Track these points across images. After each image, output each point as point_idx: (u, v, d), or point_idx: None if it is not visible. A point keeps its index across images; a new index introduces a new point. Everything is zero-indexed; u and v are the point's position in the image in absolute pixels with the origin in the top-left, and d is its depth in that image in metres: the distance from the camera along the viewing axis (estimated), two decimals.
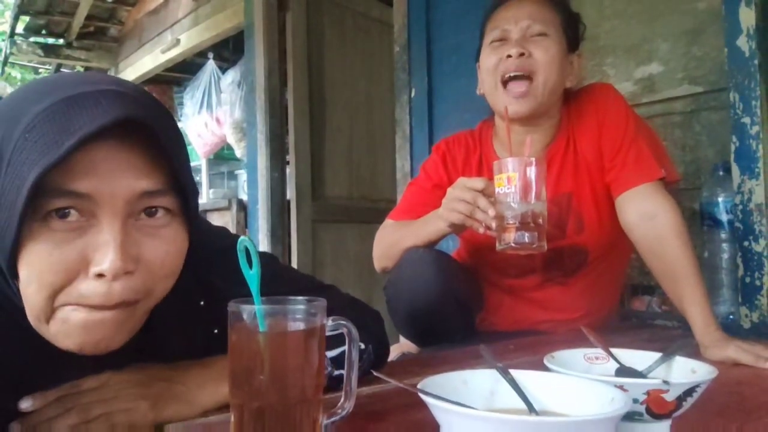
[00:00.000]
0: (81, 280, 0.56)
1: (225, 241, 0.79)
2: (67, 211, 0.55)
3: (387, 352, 0.94)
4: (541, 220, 1.07)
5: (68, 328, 0.57)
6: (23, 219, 0.53)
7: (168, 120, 0.62)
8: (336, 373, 0.75)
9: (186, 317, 0.73)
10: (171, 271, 0.62)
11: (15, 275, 0.56)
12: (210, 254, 0.75)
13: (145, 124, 0.56)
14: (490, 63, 1.29)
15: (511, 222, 1.06)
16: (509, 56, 1.25)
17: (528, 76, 1.25)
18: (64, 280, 0.55)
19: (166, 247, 0.61)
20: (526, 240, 1.06)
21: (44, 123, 0.53)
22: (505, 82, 1.27)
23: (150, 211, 0.60)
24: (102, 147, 0.55)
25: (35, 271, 0.55)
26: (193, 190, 0.64)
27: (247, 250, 0.53)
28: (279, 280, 0.81)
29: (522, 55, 1.24)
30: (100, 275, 0.55)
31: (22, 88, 0.60)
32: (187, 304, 0.73)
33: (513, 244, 1.07)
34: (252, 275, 0.53)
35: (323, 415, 0.56)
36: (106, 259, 0.55)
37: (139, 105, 0.57)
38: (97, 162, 0.55)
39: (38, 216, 0.54)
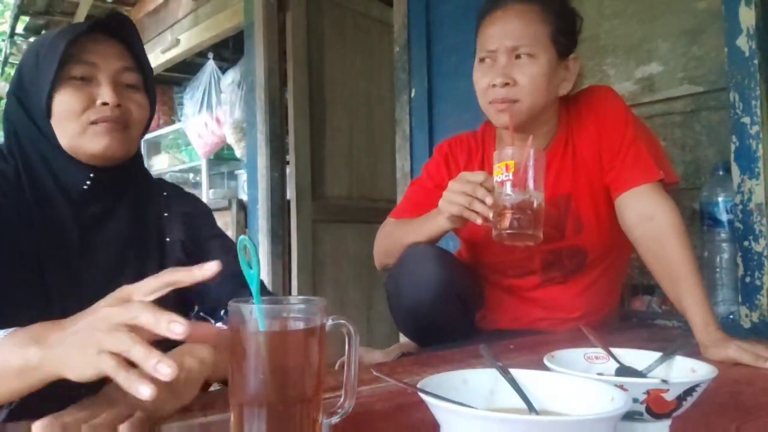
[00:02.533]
0: (92, 109, 0.92)
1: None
2: (80, 76, 0.92)
3: None
4: (536, 208, 1.07)
5: (98, 137, 0.93)
6: (56, 78, 0.89)
7: (136, 30, 1.01)
8: None
9: (146, 192, 1.06)
10: (140, 120, 0.99)
11: (49, 114, 0.91)
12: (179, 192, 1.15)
13: (125, 24, 0.98)
14: (480, 86, 1.28)
15: (507, 208, 1.07)
16: (494, 85, 1.23)
17: (512, 100, 1.24)
18: (81, 108, 0.92)
19: (137, 102, 0.98)
20: (521, 225, 1.06)
21: (67, 29, 0.93)
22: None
23: (127, 85, 0.98)
24: (102, 40, 0.95)
25: (65, 103, 0.91)
26: (150, 71, 1.03)
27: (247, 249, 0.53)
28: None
29: (507, 84, 1.22)
30: (105, 104, 0.92)
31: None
32: (150, 189, 1.07)
33: (508, 230, 1.07)
34: (252, 275, 0.53)
35: (323, 414, 0.56)
36: (107, 95, 0.92)
37: (122, 17, 1.01)
38: (100, 47, 0.95)
39: (63, 79, 0.91)
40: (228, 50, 3.84)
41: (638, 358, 0.71)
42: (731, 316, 1.47)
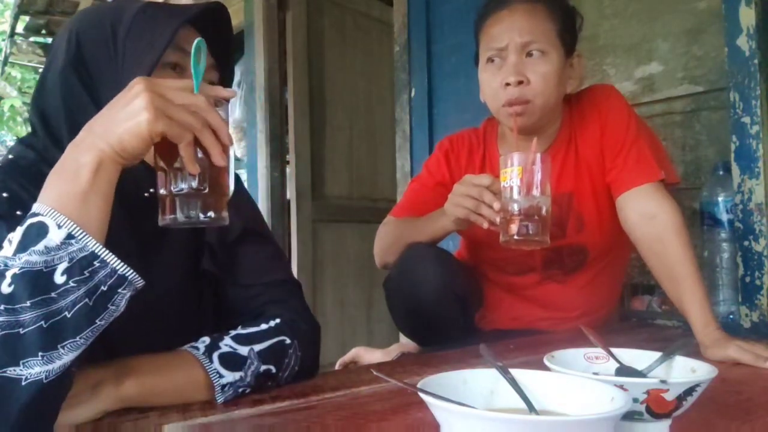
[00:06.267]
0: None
1: None
2: (174, 63, 0.85)
3: (313, 362, 0.92)
4: (544, 214, 1.07)
5: None
6: (156, 63, 0.81)
7: (230, 24, 0.94)
8: (263, 368, 0.81)
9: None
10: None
11: None
12: None
13: (218, 13, 0.89)
14: (491, 88, 1.26)
15: (515, 215, 1.07)
16: (508, 83, 1.22)
17: (526, 100, 1.23)
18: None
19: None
20: (530, 232, 1.06)
21: (151, 9, 0.83)
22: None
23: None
24: (188, 28, 0.85)
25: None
26: (232, 73, 0.97)
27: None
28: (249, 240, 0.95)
29: (520, 83, 1.21)
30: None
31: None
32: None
33: (516, 237, 1.07)
34: (198, 70, 0.70)
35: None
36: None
37: (222, 7, 0.90)
38: (191, 36, 0.83)
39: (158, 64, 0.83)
40: None
41: (638, 358, 0.71)
42: (731, 316, 1.47)
